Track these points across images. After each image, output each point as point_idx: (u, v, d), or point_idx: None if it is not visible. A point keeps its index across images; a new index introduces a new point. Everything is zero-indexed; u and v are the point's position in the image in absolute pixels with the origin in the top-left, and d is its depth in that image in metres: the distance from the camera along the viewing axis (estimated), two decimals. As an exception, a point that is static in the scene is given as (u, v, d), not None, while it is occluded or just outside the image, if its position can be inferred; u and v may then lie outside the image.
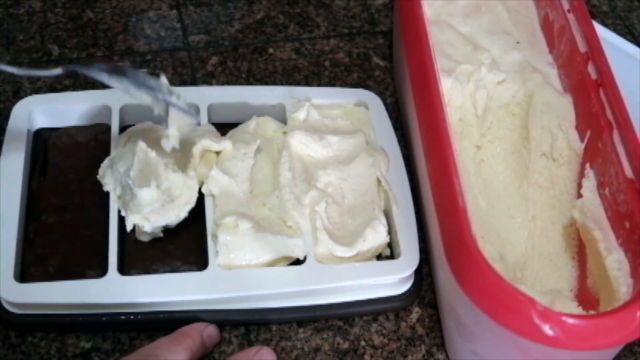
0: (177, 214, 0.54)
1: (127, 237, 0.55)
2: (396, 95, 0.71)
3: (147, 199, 0.53)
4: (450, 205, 0.47)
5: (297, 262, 0.55)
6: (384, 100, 0.66)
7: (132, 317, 0.53)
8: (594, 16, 0.62)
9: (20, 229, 0.55)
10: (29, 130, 0.60)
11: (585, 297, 0.52)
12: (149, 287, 0.52)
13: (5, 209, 0.55)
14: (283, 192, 0.56)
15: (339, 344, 0.56)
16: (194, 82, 0.71)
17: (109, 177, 0.56)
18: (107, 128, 0.61)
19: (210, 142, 0.58)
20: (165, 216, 0.54)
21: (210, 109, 0.63)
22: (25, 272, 0.54)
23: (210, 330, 0.53)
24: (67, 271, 0.54)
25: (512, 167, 0.61)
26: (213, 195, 0.56)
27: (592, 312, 0.47)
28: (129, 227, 0.54)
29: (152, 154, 0.54)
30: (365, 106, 0.65)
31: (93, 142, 0.61)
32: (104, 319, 0.53)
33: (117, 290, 0.52)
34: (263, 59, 0.74)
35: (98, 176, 0.57)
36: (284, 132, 0.61)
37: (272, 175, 0.58)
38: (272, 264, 0.54)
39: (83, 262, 0.55)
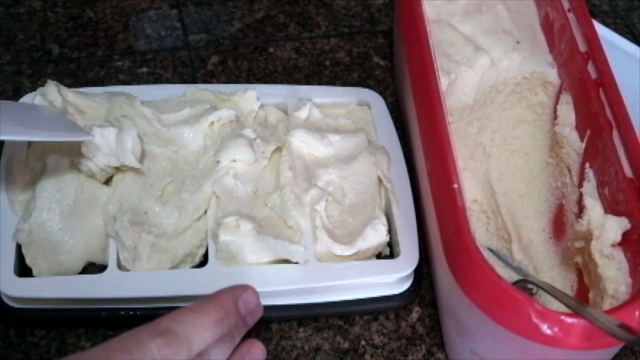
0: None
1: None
2: (396, 95, 0.72)
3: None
4: (450, 205, 0.47)
5: (297, 260, 0.55)
6: (384, 99, 0.66)
7: (131, 312, 0.53)
8: (594, 15, 0.62)
9: (21, 223, 0.55)
10: None
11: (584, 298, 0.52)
12: (148, 283, 0.52)
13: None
14: (284, 192, 0.56)
15: (339, 343, 0.56)
16: (194, 82, 0.71)
17: None
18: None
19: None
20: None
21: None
22: (25, 267, 0.53)
23: (247, 296, 0.45)
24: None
25: (513, 169, 0.61)
26: (216, 195, 0.56)
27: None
28: None
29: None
30: (367, 105, 0.65)
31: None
32: (103, 314, 0.53)
33: (116, 285, 0.52)
34: (263, 58, 0.74)
35: None
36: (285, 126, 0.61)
37: (275, 174, 0.59)
38: (272, 264, 0.54)
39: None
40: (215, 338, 0.43)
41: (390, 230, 0.57)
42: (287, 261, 0.54)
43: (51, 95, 0.57)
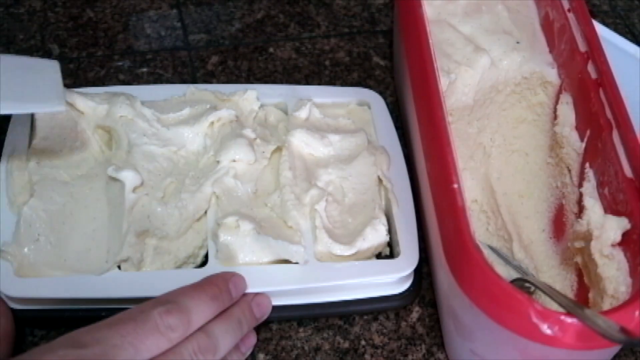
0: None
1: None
2: (396, 95, 0.72)
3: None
4: (450, 205, 0.47)
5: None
6: (384, 99, 0.66)
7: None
8: (594, 15, 0.62)
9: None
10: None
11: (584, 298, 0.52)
12: (148, 283, 0.52)
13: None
14: (284, 192, 0.56)
15: (339, 343, 0.56)
16: (194, 82, 0.71)
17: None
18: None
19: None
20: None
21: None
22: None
23: (236, 279, 0.50)
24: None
25: (513, 169, 0.61)
26: (216, 195, 0.56)
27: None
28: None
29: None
30: (367, 105, 0.65)
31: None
32: (103, 314, 0.52)
33: (117, 285, 0.52)
34: (263, 58, 0.74)
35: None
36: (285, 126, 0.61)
37: (275, 174, 0.59)
38: (272, 264, 0.54)
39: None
40: (214, 313, 0.48)
41: (390, 230, 0.57)
42: (287, 261, 0.54)
43: None
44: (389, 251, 0.57)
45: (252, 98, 0.62)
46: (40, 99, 0.51)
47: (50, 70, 0.53)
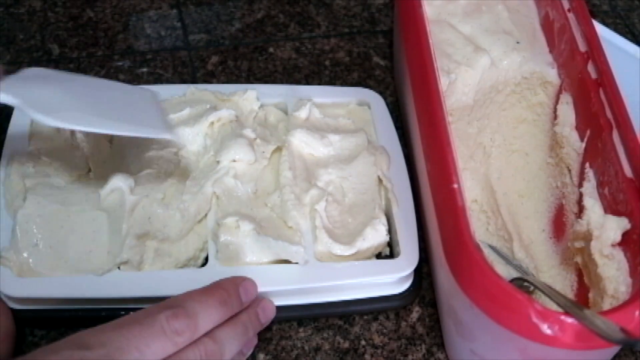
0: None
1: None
2: (396, 95, 0.72)
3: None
4: (450, 205, 0.47)
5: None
6: (384, 99, 0.66)
7: (131, 312, 0.53)
8: (594, 15, 0.62)
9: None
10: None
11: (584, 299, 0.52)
12: (148, 283, 0.52)
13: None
14: (284, 192, 0.56)
15: (339, 343, 0.56)
16: (194, 81, 0.71)
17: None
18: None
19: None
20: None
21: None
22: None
23: (247, 284, 0.50)
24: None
25: (513, 169, 0.61)
26: (216, 195, 0.56)
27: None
28: None
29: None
30: (367, 105, 0.65)
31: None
32: (103, 314, 0.53)
33: (116, 285, 0.52)
34: (263, 58, 0.74)
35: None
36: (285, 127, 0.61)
37: (275, 174, 0.59)
38: (272, 264, 0.54)
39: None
40: (222, 318, 0.47)
41: (390, 230, 0.57)
42: (287, 261, 0.54)
43: None
44: (389, 251, 0.57)
45: (252, 98, 0.62)
46: (150, 125, 0.51)
47: (150, 98, 0.54)
